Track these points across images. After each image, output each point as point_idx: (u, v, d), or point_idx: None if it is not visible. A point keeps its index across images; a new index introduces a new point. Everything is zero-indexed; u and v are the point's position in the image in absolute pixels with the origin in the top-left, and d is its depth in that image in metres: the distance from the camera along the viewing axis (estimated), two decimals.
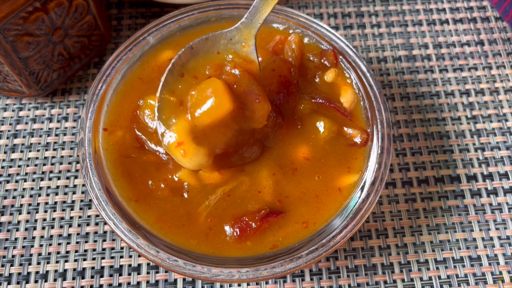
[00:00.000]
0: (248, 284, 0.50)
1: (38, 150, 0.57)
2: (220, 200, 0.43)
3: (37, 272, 0.51)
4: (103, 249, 0.52)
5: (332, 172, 0.45)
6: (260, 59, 0.45)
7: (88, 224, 0.53)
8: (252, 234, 0.42)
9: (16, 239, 0.53)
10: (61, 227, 0.53)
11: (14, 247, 0.52)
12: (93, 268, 0.51)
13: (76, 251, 0.52)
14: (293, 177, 0.45)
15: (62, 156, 0.57)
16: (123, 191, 0.44)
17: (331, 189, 0.45)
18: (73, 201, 0.54)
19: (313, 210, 0.44)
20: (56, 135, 0.58)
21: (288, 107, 0.47)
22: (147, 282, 0.51)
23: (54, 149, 0.57)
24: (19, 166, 0.56)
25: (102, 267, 0.51)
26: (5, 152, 0.57)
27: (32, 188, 0.55)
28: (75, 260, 0.52)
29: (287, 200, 0.44)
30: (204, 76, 0.43)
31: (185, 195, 0.44)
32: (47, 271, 0.51)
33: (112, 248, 0.52)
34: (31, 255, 0.52)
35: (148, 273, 0.51)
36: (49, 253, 0.52)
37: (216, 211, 0.43)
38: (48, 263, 0.52)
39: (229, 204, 0.43)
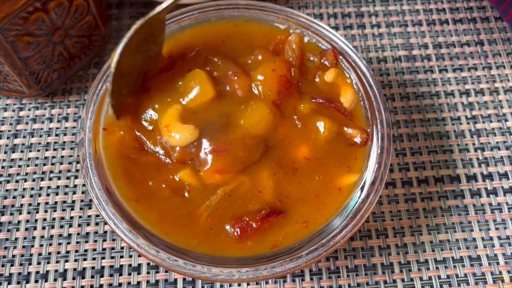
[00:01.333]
0: (248, 284, 0.50)
1: (38, 150, 0.57)
2: (221, 201, 0.43)
3: (37, 272, 0.51)
4: (103, 249, 0.52)
5: (332, 172, 0.45)
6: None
7: (88, 224, 0.53)
8: (253, 234, 0.42)
9: (16, 239, 0.53)
10: (61, 227, 0.53)
11: (14, 247, 0.52)
12: (93, 268, 0.51)
13: (76, 251, 0.52)
14: (294, 177, 0.45)
15: (62, 156, 0.57)
16: (123, 191, 0.44)
17: (331, 189, 0.45)
18: (73, 201, 0.54)
19: (313, 210, 0.44)
20: (56, 135, 0.58)
21: (288, 106, 0.47)
22: (147, 282, 0.51)
23: (54, 149, 0.57)
24: (19, 166, 0.57)
25: (102, 267, 0.51)
26: (5, 152, 0.57)
27: (32, 188, 0.55)
28: (75, 260, 0.52)
29: (287, 200, 0.44)
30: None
31: (186, 195, 0.44)
32: (47, 271, 0.51)
33: (112, 248, 0.52)
34: (31, 255, 0.52)
35: (148, 273, 0.51)
36: (49, 253, 0.52)
37: (216, 211, 0.43)
38: (48, 263, 0.52)
39: (230, 204, 0.43)
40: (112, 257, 0.52)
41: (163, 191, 0.44)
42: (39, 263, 0.52)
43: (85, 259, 0.52)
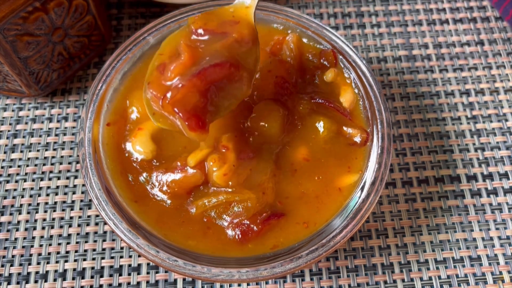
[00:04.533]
0: (248, 284, 0.50)
1: (38, 150, 0.57)
2: (218, 206, 0.43)
3: (37, 272, 0.51)
4: (103, 249, 0.52)
5: (332, 172, 0.45)
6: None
7: (88, 224, 0.53)
8: (254, 237, 0.42)
9: (16, 239, 0.53)
10: (61, 227, 0.53)
11: (14, 247, 0.52)
12: (93, 268, 0.51)
13: (76, 251, 0.52)
14: (293, 178, 0.45)
15: (62, 156, 0.57)
16: (123, 191, 0.44)
17: (331, 189, 0.44)
18: (73, 201, 0.54)
19: (314, 210, 0.44)
20: (56, 135, 0.58)
21: (287, 107, 0.46)
22: (147, 282, 0.51)
23: (54, 149, 0.57)
24: (19, 166, 0.56)
25: (102, 267, 0.51)
26: (5, 152, 0.57)
27: (32, 188, 0.55)
28: (75, 260, 0.52)
29: (287, 201, 0.44)
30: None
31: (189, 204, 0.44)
32: (47, 271, 0.51)
33: (112, 248, 0.52)
34: (31, 255, 0.52)
35: (148, 273, 0.51)
36: (49, 253, 0.52)
37: (211, 211, 0.43)
38: (48, 263, 0.52)
39: (227, 209, 0.43)
40: (112, 257, 0.52)
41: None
42: (38, 263, 0.51)
43: (84, 259, 0.52)
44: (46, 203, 0.54)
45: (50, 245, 0.52)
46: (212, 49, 0.39)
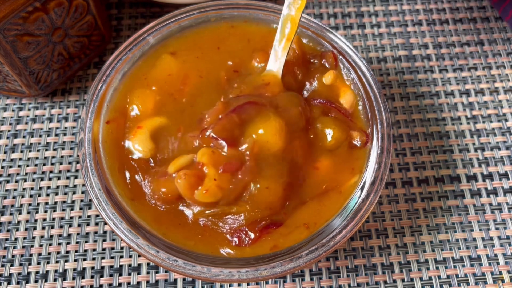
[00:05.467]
0: (248, 284, 0.50)
1: (38, 150, 0.57)
2: (214, 215, 0.43)
3: (37, 272, 0.51)
4: (103, 249, 0.52)
5: (337, 178, 0.45)
6: None
7: (88, 224, 0.53)
8: (252, 244, 0.42)
9: (16, 239, 0.53)
10: (61, 227, 0.53)
11: (14, 247, 0.52)
12: (93, 268, 0.51)
13: (76, 251, 0.52)
14: (301, 188, 0.44)
15: (62, 156, 0.57)
16: (121, 189, 0.44)
17: (333, 191, 0.44)
18: (73, 201, 0.54)
19: (314, 212, 0.44)
20: (56, 135, 0.58)
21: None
22: (147, 282, 0.51)
23: (54, 149, 0.57)
24: (19, 166, 0.56)
25: (102, 267, 0.51)
26: (5, 152, 0.57)
27: (32, 188, 0.55)
28: (75, 260, 0.52)
29: (290, 208, 0.44)
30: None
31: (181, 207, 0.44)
32: (47, 271, 0.51)
33: (112, 248, 0.52)
34: (31, 255, 0.52)
35: (148, 273, 0.51)
36: (49, 253, 0.52)
37: (208, 218, 0.43)
38: (48, 263, 0.52)
39: (223, 217, 0.43)
40: (112, 257, 0.52)
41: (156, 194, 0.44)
42: (38, 263, 0.52)
43: (85, 259, 0.52)
44: (46, 203, 0.54)
45: (50, 245, 0.52)
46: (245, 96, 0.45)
